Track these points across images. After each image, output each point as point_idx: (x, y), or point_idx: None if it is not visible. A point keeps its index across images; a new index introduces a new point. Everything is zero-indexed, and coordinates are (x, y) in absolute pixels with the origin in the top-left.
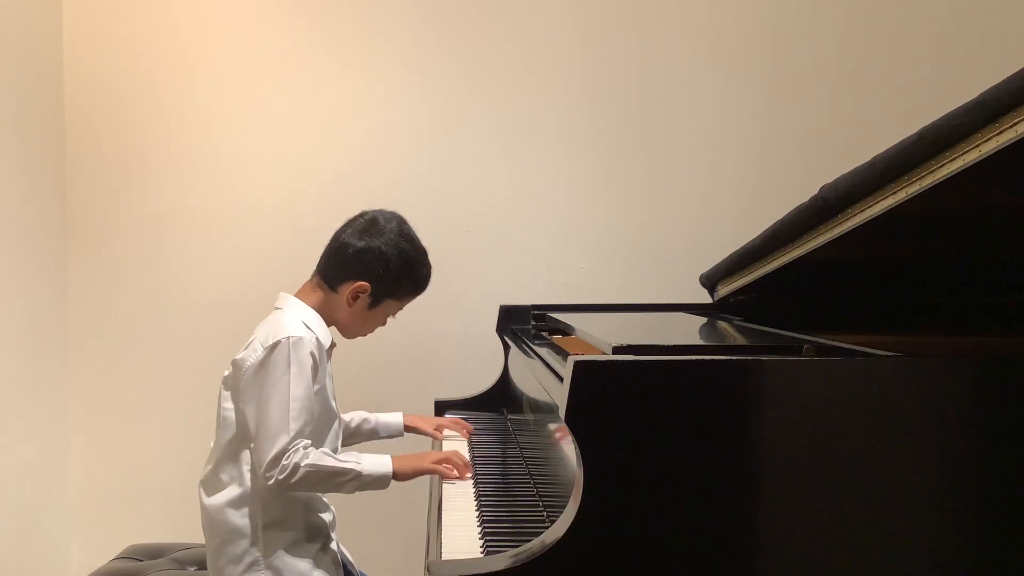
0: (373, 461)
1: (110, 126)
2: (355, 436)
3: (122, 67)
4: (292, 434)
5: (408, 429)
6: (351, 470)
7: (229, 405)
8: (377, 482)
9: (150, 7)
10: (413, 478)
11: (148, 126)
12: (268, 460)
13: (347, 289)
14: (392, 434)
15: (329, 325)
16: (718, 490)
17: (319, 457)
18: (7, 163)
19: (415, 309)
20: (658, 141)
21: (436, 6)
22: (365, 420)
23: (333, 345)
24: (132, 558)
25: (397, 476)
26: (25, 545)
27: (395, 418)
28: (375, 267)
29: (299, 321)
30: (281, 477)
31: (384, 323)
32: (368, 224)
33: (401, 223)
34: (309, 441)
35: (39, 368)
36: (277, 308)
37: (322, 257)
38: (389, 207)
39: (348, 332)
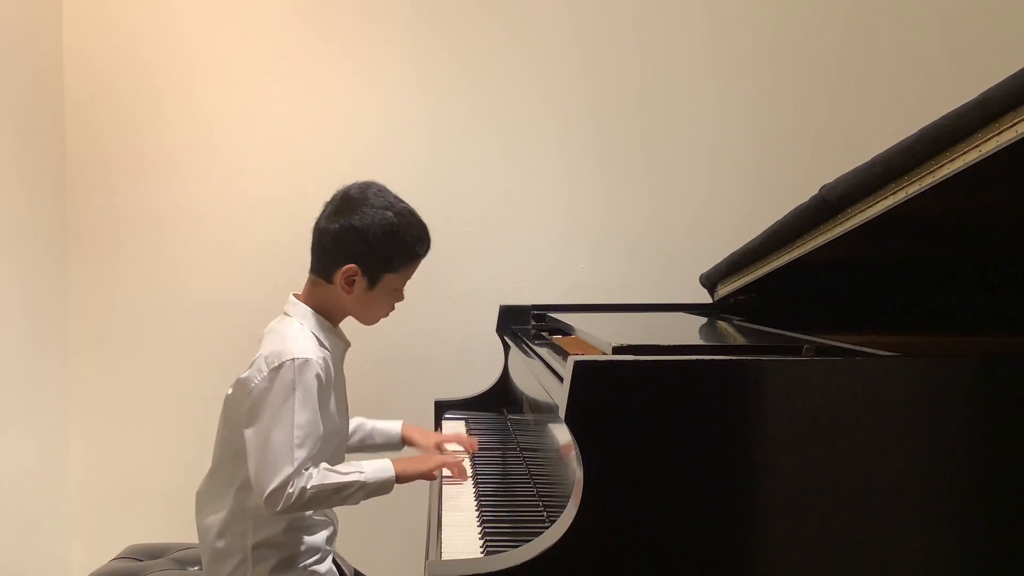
0: (375, 467)
1: (110, 126)
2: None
3: (122, 67)
4: (296, 464)
5: (405, 441)
6: (355, 481)
7: (227, 425)
8: (381, 488)
9: (150, 7)
10: (414, 480)
11: (148, 125)
12: (270, 491)
13: (339, 277)
14: (387, 443)
15: (343, 318)
16: (718, 490)
17: (322, 476)
18: (7, 163)
19: (415, 308)
20: (658, 141)
21: (436, 6)
22: (359, 426)
23: (347, 345)
24: (132, 558)
25: (399, 479)
26: (25, 545)
27: (392, 427)
28: (357, 247)
29: (307, 334)
30: (289, 504)
31: (400, 298)
32: (340, 202)
33: (379, 191)
34: (309, 463)
35: (39, 368)
36: (286, 314)
37: (311, 251)
38: None
39: (363, 319)
